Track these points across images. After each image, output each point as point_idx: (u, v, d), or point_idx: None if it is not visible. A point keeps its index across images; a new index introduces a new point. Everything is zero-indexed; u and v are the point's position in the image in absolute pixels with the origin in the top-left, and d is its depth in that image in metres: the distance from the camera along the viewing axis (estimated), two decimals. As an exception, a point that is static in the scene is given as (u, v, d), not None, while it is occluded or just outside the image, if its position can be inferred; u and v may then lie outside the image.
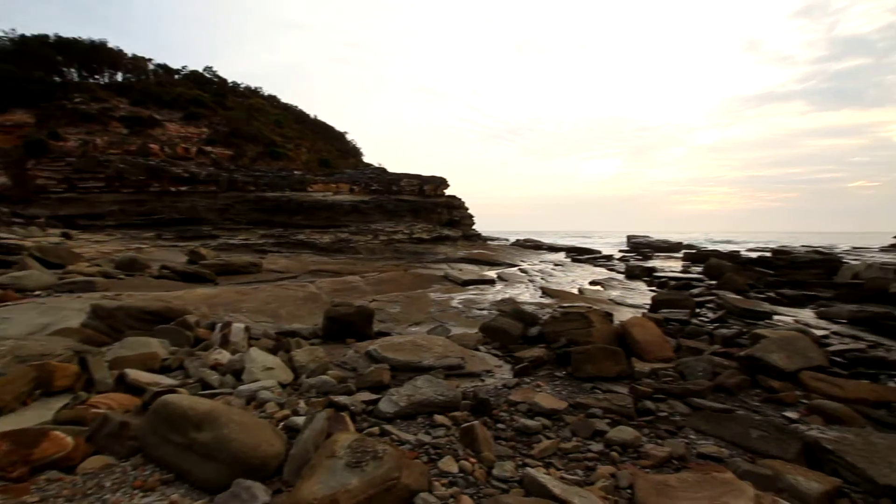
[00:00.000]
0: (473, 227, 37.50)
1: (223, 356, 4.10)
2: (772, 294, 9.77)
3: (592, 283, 12.63)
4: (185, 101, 36.29)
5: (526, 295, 10.22)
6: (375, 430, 2.86)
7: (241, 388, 3.42)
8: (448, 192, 36.69)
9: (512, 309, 6.90)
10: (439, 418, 3.07)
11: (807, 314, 7.96)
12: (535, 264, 19.13)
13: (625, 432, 2.92)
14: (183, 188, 26.37)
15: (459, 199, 36.91)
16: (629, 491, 2.31)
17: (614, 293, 10.58)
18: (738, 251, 24.11)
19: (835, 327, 6.84)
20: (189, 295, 8.24)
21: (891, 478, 2.40)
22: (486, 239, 37.50)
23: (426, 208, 32.79)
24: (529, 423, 3.07)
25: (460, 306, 8.51)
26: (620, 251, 29.17)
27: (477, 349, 5.40)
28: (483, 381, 4.26)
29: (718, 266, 13.15)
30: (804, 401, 3.67)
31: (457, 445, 2.70)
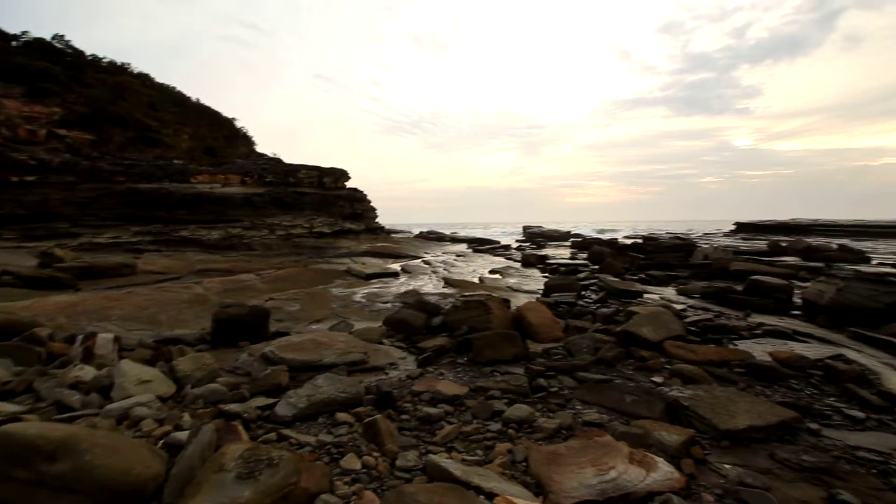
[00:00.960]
0: (377, 220, 36.98)
1: (86, 372, 3.58)
2: (643, 275, 11.08)
3: (492, 271, 13.24)
4: (28, 75, 30.42)
5: (429, 286, 10.38)
6: (272, 436, 2.71)
7: (111, 406, 3.02)
8: (350, 184, 35.70)
9: (415, 300, 6.96)
10: (342, 416, 3.01)
11: (670, 291, 9.18)
12: (439, 256, 19.50)
13: (520, 410, 3.12)
14: (29, 178, 22.15)
15: (362, 192, 36.10)
16: (524, 463, 2.48)
17: (512, 280, 11.20)
18: (616, 238, 26.94)
19: (691, 301, 7.97)
20: (41, 304, 7.03)
21: (728, 423, 2.87)
22: (389, 232, 37.25)
23: (327, 201, 31.56)
24: (432, 410, 3.14)
25: (363, 300, 8.38)
26: (517, 241, 30.96)
27: (381, 343, 5.38)
28: (387, 374, 4.26)
29: (600, 252, 14.56)
30: (667, 366, 4.24)
31: (360, 441, 2.67)
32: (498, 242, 28.17)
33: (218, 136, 42.47)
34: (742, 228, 39.48)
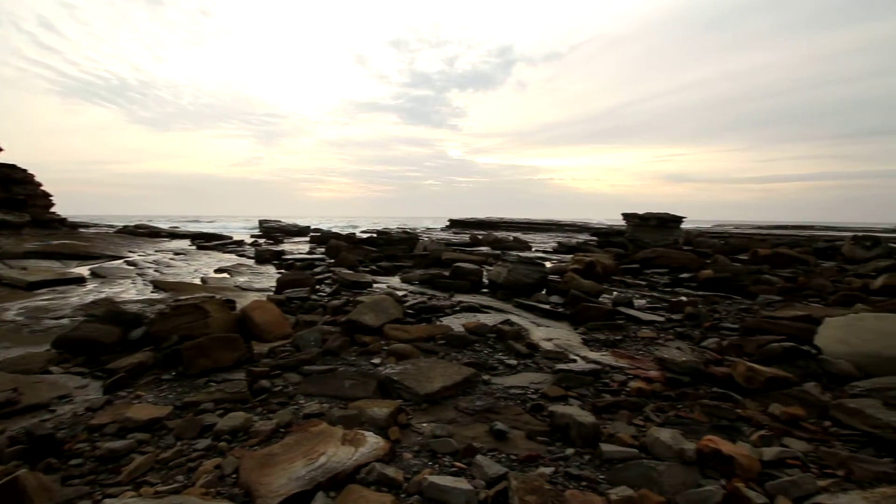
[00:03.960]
0: (52, 209, 27.89)
1: None
2: (374, 267, 11.96)
3: (218, 270, 11.85)
4: None
5: (132, 292, 8.49)
6: None
7: None
8: (3, 158, 25.61)
9: (106, 311, 5.58)
10: (-43, 486, 2.14)
11: (395, 280, 10.21)
12: (150, 255, 16.20)
13: (234, 418, 2.90)
14: None
15: (24, 171, 26.39)
16: (235, 475, 2.32)
17: (242, 279, 10.30)
18: (354, 233, 28.24)
19: (412, 287, 9.08)
20: None
21: (427, 388, 3.40)
22: (75, 226, 28.75)
23: (-47, 181, 21.84)
24: (117, 444, 2.58)
25: (21, 318, 6.18)
26: (252, 236, 28.64)
27: (47, 372, 4.12)
28: (53, 411, 3.29)
29: (336, 246, 14.98)
30: (385, 348, 4.70)
31: (-10, 514, 1.97)
32: (230, 238, 25.43)
33: None
34: (454, 224, 47.57)
